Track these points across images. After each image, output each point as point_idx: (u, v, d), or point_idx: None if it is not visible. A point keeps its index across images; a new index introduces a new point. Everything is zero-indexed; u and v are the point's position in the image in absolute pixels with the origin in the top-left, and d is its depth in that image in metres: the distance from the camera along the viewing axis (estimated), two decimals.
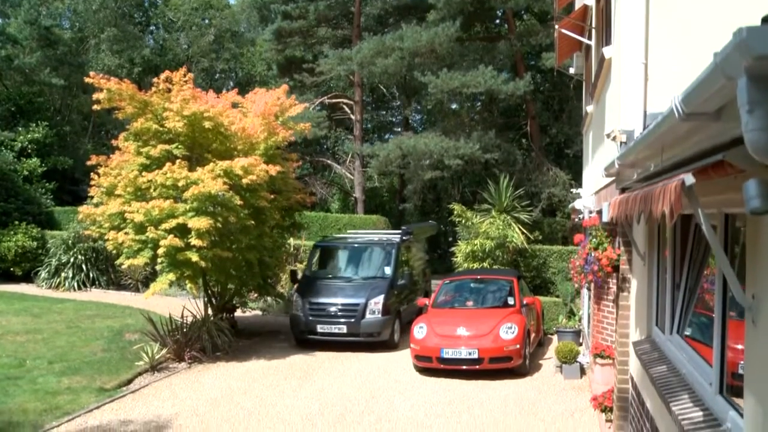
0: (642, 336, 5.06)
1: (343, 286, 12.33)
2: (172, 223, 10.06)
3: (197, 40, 33.02)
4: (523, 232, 15.12)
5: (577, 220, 11.78)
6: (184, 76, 11.38)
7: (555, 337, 11.82)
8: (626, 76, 6.09)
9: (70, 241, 18.56)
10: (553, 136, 22.36)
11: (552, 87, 24.26)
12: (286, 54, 25.18)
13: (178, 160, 10.55)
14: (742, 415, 2.55)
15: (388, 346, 11.83)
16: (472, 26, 22.46)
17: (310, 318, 11.78)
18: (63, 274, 18.50)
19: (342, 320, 11.67)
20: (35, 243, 19.48)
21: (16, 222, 19.87)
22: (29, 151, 24.10)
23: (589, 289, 9.67)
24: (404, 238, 13.43)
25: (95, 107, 11.31)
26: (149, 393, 8.92)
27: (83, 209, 11.04)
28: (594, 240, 6.44)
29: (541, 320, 12.27)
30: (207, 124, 10.87)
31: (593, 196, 9.26)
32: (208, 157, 11.14)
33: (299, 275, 13.52)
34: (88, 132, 30.06)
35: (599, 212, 7.23)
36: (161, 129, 10.94)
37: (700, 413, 3.01)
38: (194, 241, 10.08)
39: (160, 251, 9.97)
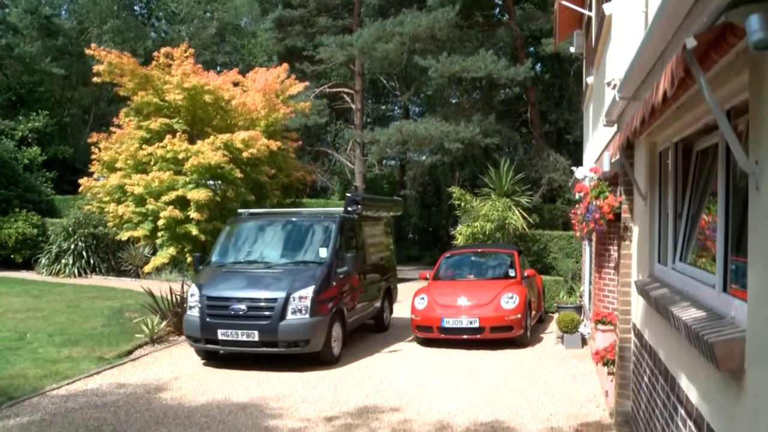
0: (644, 276, 5.04)
1: (257, 275, 8.90)
2: (171, 195, 10.10)
3: (199, 32, 33.08)
4: (523, 216, 15.08)
5: (578, 196, 11.73)
6: (185, 51, 11.41)
7: (556, 315, 11.79)
8: (626, 26, 6.08)
9: (70, 228, 18.59)
10: (554, 122, 22.38)
11: (552, 74, 24.28)
12: (287, 43, 25.20)
13: (178, 134, 10.57)
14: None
15: (322, 360, 8.53)
16: (471, 14, 22.45)
17: (208, 320, 8.42)
18: (63, 261, 18.53)
19: (252, 323, 8.27)
20: (36, 230, 19.49)
21: (17, 209, 19.88)
22: (30, 140, 24.14)
23: (590, 239, 9.65)
24: (350, 209, 9.88)
25: (96, 79, 11.33)
26: (149, 361, 8.92)
27: (84, 181, 11.06)
28: (595, 189, 6.43)
29: (542, 297, 12.24)
30: (207, 98, 10.91)
31: (594, 165, 9.25)
32: (208, 132, 11.18)
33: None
34: (88, 125, 30.09)
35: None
36: (162, 103, 10.97)
37: (704, 313, 2.98)
38: (193, 215, 10.12)
39: (160, 223, 10.00)
